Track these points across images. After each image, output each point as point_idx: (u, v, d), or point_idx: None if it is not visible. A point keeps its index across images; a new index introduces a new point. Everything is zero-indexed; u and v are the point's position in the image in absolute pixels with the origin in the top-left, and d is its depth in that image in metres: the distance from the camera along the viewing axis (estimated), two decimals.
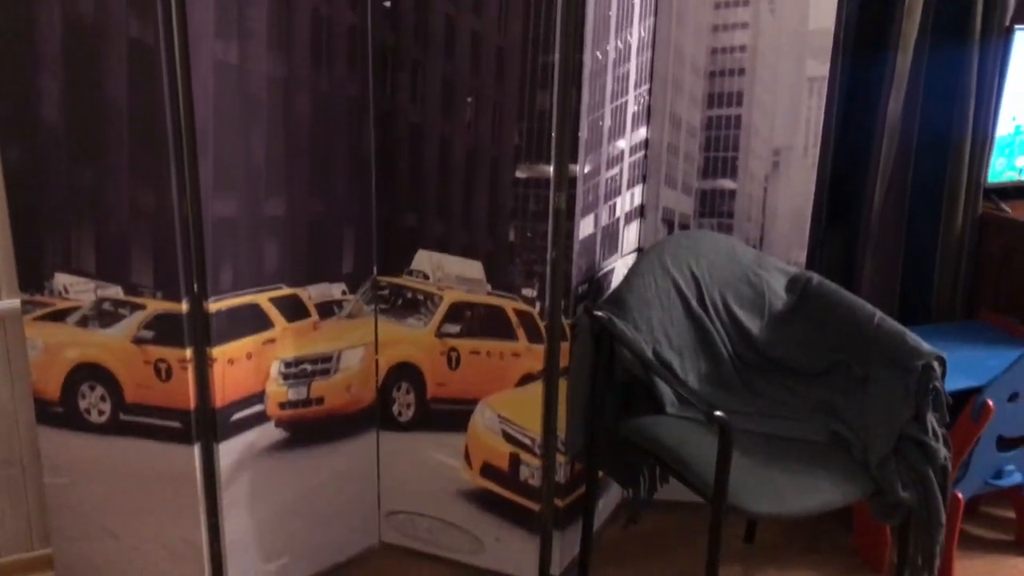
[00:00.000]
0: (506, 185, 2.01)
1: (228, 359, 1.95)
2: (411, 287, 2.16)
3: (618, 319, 1.99)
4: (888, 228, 2.71)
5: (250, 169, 1.89)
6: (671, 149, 2.32)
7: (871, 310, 2.02)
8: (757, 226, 2.35)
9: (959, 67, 2.62)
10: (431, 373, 2.19)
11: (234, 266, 1.91)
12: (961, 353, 2.42)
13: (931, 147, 2.68)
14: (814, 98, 2.27)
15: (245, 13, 1.80)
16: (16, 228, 1.91)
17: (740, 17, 2.21)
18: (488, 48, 1.95)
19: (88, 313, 1.93)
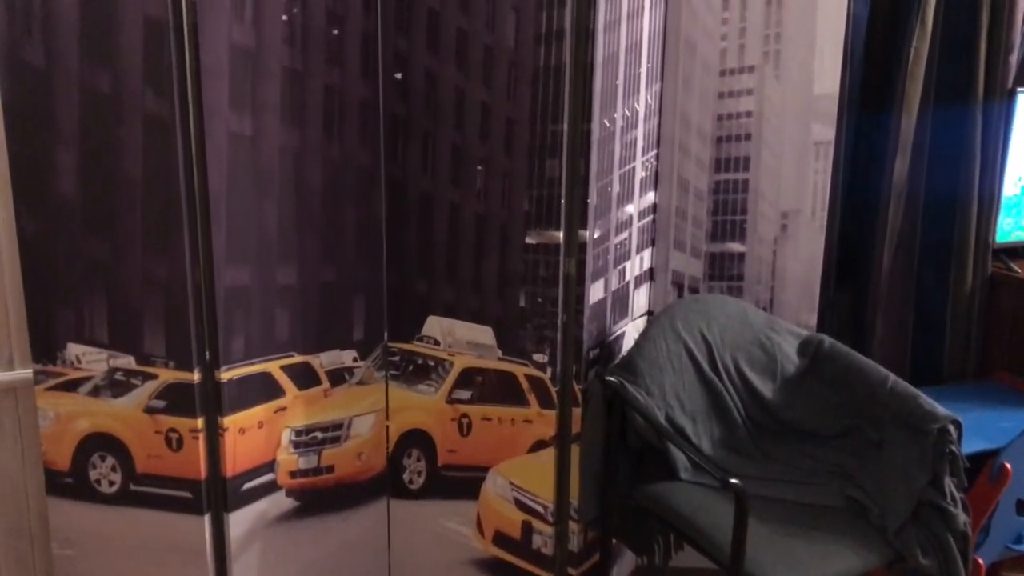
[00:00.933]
0: (516, 251, 2.02)
1: (239, 428, 1.94)
2: (422, 353, 2.16)
3: (630, 384, 1.98)
4: (897, 289, 2.71)
5: (262, 238, 1.91)
6: (679, 213, 2.33)
7: (884, 373, 2.01)
8: (767, 289, 2.36)
9: (963, 128, 2.64)
10: (442, 440, 2.18)
11: (246, 335, 1.92)
12: (976, 414, 2.40)
13: (938, 208, 2.69)
14: (820, 162, 2.29)
15: (259, 86, 1.84)
16: (30, 299, 1.92)
17: (745, 84, 2.24)
18: (497, 118, 1.97)
19: (100, 383, 1.93)
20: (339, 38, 1.94)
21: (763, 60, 2.23)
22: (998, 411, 2.44)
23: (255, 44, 1.81)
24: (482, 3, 1.93)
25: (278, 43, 1.85)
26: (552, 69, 1.91)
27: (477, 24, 1.94)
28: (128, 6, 1.71)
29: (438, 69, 1.99)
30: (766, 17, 2.20)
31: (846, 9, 2.27)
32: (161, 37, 1.72)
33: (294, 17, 1.87)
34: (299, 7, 1.87)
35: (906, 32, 2.54)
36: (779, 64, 2.22)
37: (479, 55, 1.95)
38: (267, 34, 1.83)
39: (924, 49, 2.55)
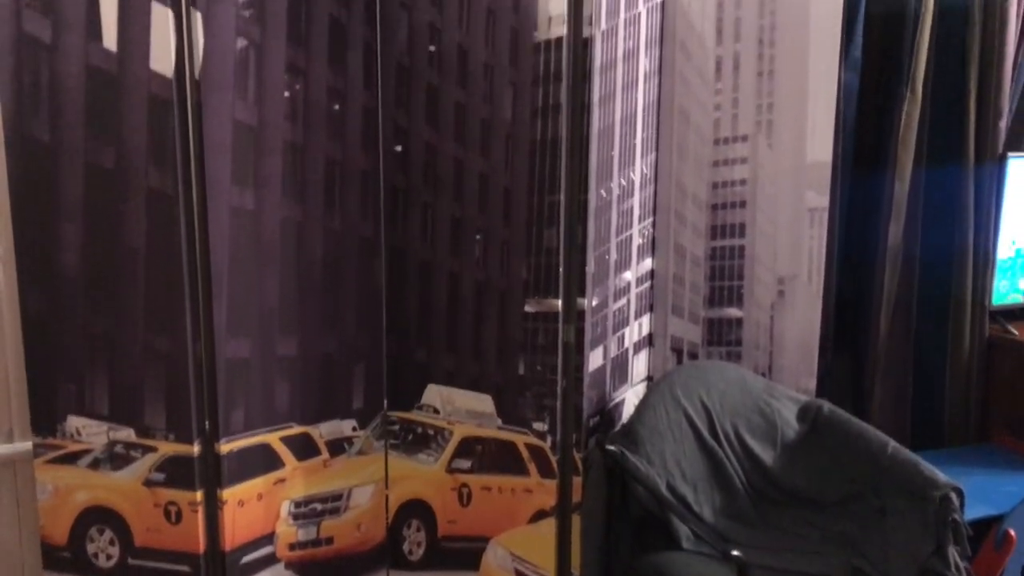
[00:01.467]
0: (515, 319, 2.04)
1: (238, 500, 1.94)
2: (421, 422, 2.16)
3: (630, 453, 1.97)
4: (896, 353, 2.72)
5: (263, 310, 1.92)
6: (677, 279, 2.35)
7: (884, 439, 2.01)
8: (766, 354, 2.37)
9: (956, 192, 2.67)
10: (442, 510, 2.17)
11: (246, 406, 1.92)
12: (978, 479, 2.39)
13: (934, 270, 2.71)
14: (815, 228, 2.31)
15: (261, 161, 1.87)
16: (31, 372, 1.92)
17: (739, 152, 2.28)
18: (495, 189, 2.00)
19: (100, 456, 1.93)
20: (340, 113, 1.98)
21: (756, 129, 2.26)
22: (1000, 475, 2.43)
23: (257, 120, 1.85)
24: (480, 79, 1.97)
25: (280, 119, 1.89)
26: (549, 142, 1.94)
27: (475, 99, 1.98)
28: (134, 84, 1.75)
29: (437, 142, 2.02)
30: (758, 87, 2.25)
31: (836, 79, 2.31)
32: (165, 115, 1.75)
33: (296, 94, 1.91)
34: (301, 84, 1.91)
35: (896, 99, 2.59)
36: (772, 133, 2.26)
37: (477, 129, 1.99)
38: (269, 110, 1.87)
39: (915, 115, 2.60)
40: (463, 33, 1.97)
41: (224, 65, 1.78)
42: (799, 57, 2.23)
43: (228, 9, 1.77)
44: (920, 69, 2.58)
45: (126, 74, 1.75)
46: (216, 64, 1.77)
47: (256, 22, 1.82)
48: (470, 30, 1.96)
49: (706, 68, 2.25)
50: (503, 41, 1.94)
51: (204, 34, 1.74)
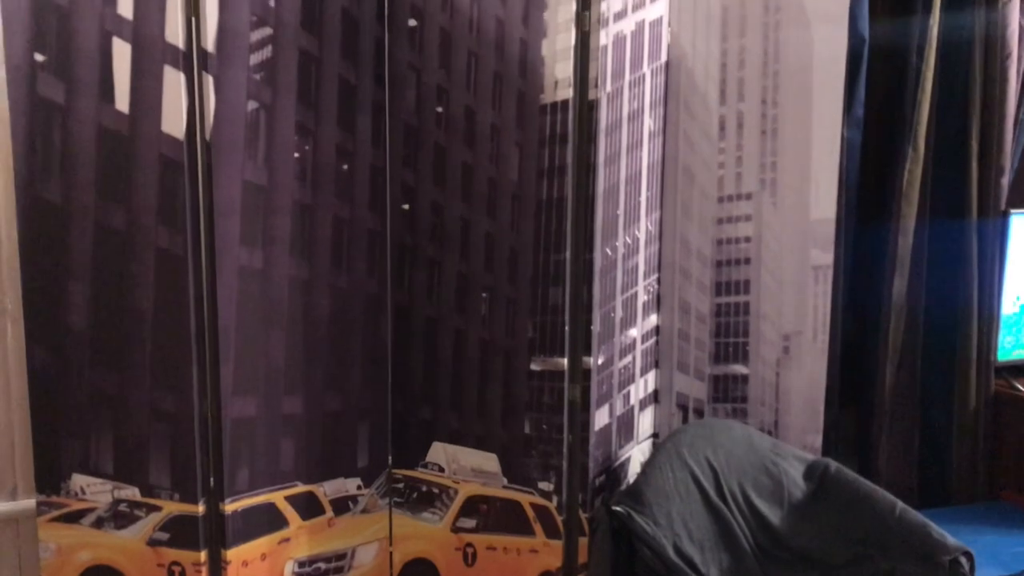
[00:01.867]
0: (520, 378, 2.04)
1: (243, 561, 1.92)
2: (426, 480, 2.15)
3: (637, 514, 1.96)
4: (902, 408, 2.71)
5: (270, 369, 1.92)
6: (682, 335, 2.35)
7: (891, 501, 2.00)
8: (771, 411, 2.36)
9: (960, 248, 2.69)
10: (446, 570, 2.15)
11: (251, 466, 1.92)
12: (987, 539, 2.37)
13: (939, 326, 2.71)
14: (820, 285, 2.32)
15: (270, 221, 1.89)
16: (36, 429, 1.92)
17: (743, 210, 2.29)
18: (501, 248, 2.02)
19: (104, 514, 1.92)
20: (349, 172, 2.00)
21: (760, 187, 2.28)
22: (1010, 535, 2.41)
23: (267, 181, 1.87)
24: (487, 140, 2.00)
25: (290, 179, 1.91)
26: (555, 202, 1.96)
27: (482, 159, 2.00)
28: (145, 146, 1.78)
29: (444, 201, 2.04)
30: (762, 146, 2.27)
31: (839, 137, 2.34)
32: (176, 176, 1.77)
33: (305, 154, 1.93)
34: (311, 144, 1.93)
35: (899, 156, 2.61)
36: (776, 191, 2.28)
37: (484, 188, 2.01)
38: (279, 171, 1.89)
39: (917, 172, 2.62)
40: (470, 95, 2.00)
41: (235, 127, 1.81)
42: (802, 116, 2.26)
43: (240, 72, 1.80)
44: (922, 126, 2.61)
45: (138, 136, 1.77)
46: (227, 126, 1.79)
47: (267, 84, 1.85)
48: (477, 93, 1.99)
49: (710, 127, 2.28)
50: (510, 103, 1.97)
51: (215, 97, 1.77)
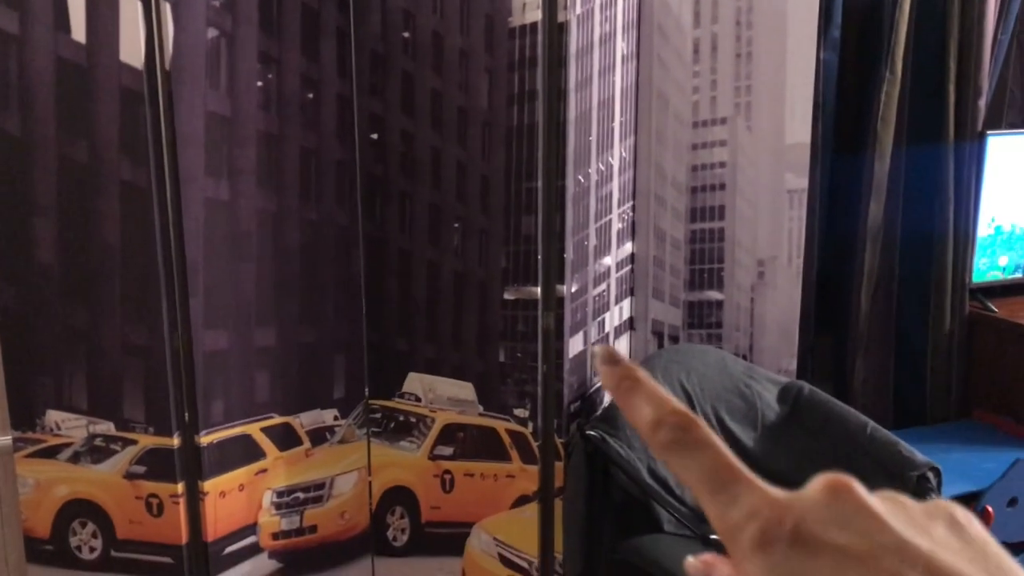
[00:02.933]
0: (494, 307, 2.04)
1: (220, 492, 1.94)
2: (403, 409, 2.16)
3: (611, 438, 1.98)
4: (877, 331, 2.73)
5: (240, 301, 1.92)
6: (657, 263, 2.35)
7: (863, 420, 2.02)
8: (746, 336, 2.37)
9: (936, 171, 2.68)
10: (425, 496, 2.18)
11: (225, 398, 1.92)
12: (959, 456, 2.42)
13: (914, 249, 2.72)
14: (795, 209, 2.31)
15: (235, 151, 1.86)
16: (8, 367, 1.91)
17: (718, 135, 2.27)
18: (473, 177, 2.00)
19: (80, 449, 1.92)
20: (315, 101, 1.96)
21: (735, 111, 2.26)
22: (980, 452, 2.45)
23: (231, 111, 1.84)
24: (455, 65, 1.96)
25: (254, 109, 1.87)
26: (525, 128, 1.93)
27: (451, 86, 1.97)
28: (104, 77, 1.74)
29: (413, 130, 2.01)
30: (736, 69, 2.24)
31: (815, 60, 2.31)
32: (137, 107, 1.74)
33: (269, 83, 1.89)
34: (274, 73, 1.90)
35: (876, 79, 2.59)
36: (751, 115, 2.26)
37: (453, 116, 1.98)
38: (243, 101, 1.85)
39: (895, 94, 2.60)
40: (437, 19, 1.96)
41: (195, 56, 1.77)
42: (777, 38, 2.23)
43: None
44: (900, 48, 2.57)
45: (96, 66, 1.73)
46: (187, 55, 1.75)
47: (227, 11, 1.81)
48: (444, 16, 1.95)
49: (684, 51, 2.24)
50: (478, 27, 1.93)
51: (174, 25, 1.72)
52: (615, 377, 0.36)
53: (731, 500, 0.33)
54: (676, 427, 0.34)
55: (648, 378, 0.36)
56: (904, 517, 0.31)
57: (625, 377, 0.36)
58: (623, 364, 0.36)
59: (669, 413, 0.35)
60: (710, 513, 0.33)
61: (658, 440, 0.34)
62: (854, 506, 0.32)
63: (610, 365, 0.36)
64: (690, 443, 0.34)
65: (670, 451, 0.34)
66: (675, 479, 2.07)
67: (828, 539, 0.30)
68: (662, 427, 0.34)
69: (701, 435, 0.34)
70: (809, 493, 0.33)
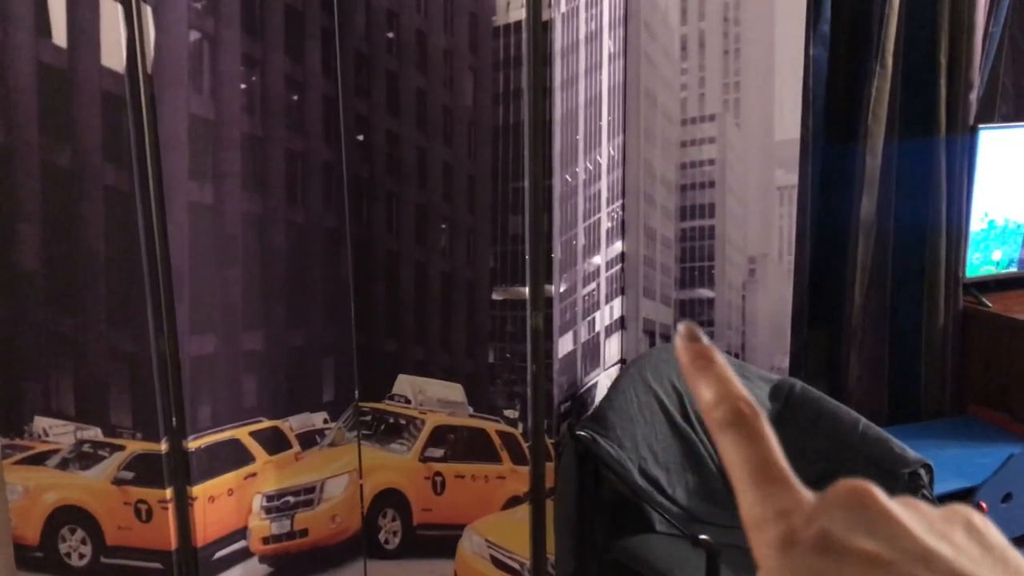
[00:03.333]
0: (483, 307, 2.03)
1: (209, 496, 1.93)
2: (393, 412, 2.15)
3: (601, 438, 1.97)
4: (871, 326, 2.72)
5: (227, 306, 1.91)
6: (647, 261, 2.34)
7: (855, 417, 2.01)
8: (738, 333, 2.36)
9: (928, 165, 2.67)
10: (416, 499, 2.17)
11: (213, 403, 1.91)
12: (953, 452, 2.41)
13: (908, 244, 2.71)
14: (785, 206, 2.30)
15: (219, 155, 1.85)
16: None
17: (707, 132, 2.26)
18: (459, 177, 1.99)
19: (68, 455, 1.91)
20: (299, 103, 1.95)
21: (724, 108, 2.25)
22: (974, 447, 2.44)
23: (214, 114, 1.83)
24: (440, 65, 1.95)
25: (237, 112, 1.86)
26: (511, 127, 1.92)
27: (436, 85, 1.96)
28: (86, 81, 1.73)
29: (399, 130, 2.00)
30: (724, 66, 2.23)
31: (803, 55, 2.30)
32: (119, 111, 1.73)
33: (253, 85, 1.88)
34: (258, 75, 1.89)
35: (866, 73, 2.58)
36: (740, 112, 2.25)
37: (439, 115, 1.97)
38: (226, 103, 1.84)
39: (885, 88, 2.59)
40: (421, 18, 1.95)
41: (177, 59, 1.76)
42: (765, 34, 2.22)
43: (179, 2, 1.74)
44: (890, 42, 2.56)
45: (77, 71, 1.72)
46: (169, 58, 1.74)
47: (209, 13, 1.80)
48: (428, 15, 1.94)
49: (671, 47, 2.23)
50: (462, 26, 1.92)
51: (155, 28, 1.71)
52: (691, 353, 0.38)
53: (767, 496, 0.34)
54: (737, 411, 0.36)
55: (724, 362, 0.37)
56: (925, 524, 0.32)
57: (701, 355, 0.37)
58: (702, 343, 0.38)
59: (735, 396, 0.36)
60: (742, 501, 0.35)
61: (715, 417, 0.36)
62: (877, 512, 0.32)
63: (689, 341, 0.38)
64: (747, 430, 0.35)
65: (725, 431, 0.36)
66: (666, 478, 2.06)
67: (854, 545, 0.31)
68: (722, 406, 0.36)
69: (759, 426, 0.36)
70: (832, 499, 0.34)
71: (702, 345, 0.38)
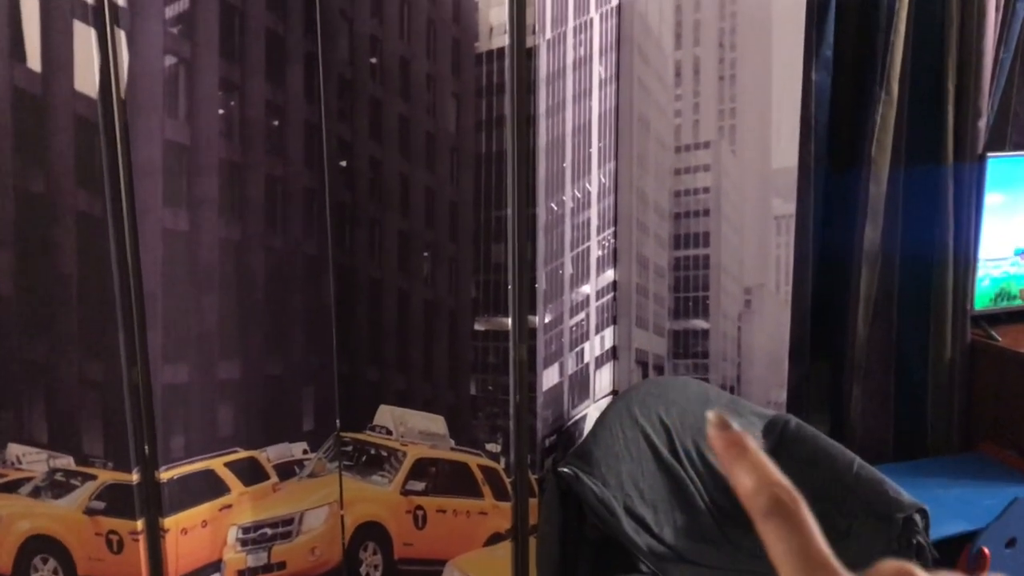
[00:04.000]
0: (465, 338, 1.98)
1: (181, 528, 1.89)
2: (374, 443, 2.10)
3: (585, 475, 1.91)
4: (877, 358, 2.64)
5: (202, 334, 1.87)
6: (640, 290, 2.28)
7: (850, 457, 1.94)
8: (733, 365, 2.29)
9: (934, 194, 2.59)
10: (397, 533, 2.11)
11: (186, 432, 1.87)
12: (958, 491, 2.32)
13: (914, 274, 2.63)
14: (783, 236, 2.24)
15: (194, 181, 1.82)
16: None
17: (701, 159, 2.21)
18: (442, 204, 1.94)
19: (40, 484, 1.88)
20: (279, 128, 1.92)
21: (719, 135, 2.19)
22: (980, 487, 2.35)
23: (190, 139, 1.80)
24: (423, 91, 1.91)
25: (215, 137, 1.83)
26: (494, 155, 1.88)
27: (419, 111, 1.92)
28: (59, 106, 1.70)
29: (382, 156, 1.96)
30: (720, 92, 2.17)
31: (802, 82, 2.24)
32: (92, 137, 1.70)
33: (231, 110, 1.85)
34: (236, 100, 1.86)
35: (871, 100, 2.51)
36: (735, 139, 2.19)
37: (421, 142, 1.93)
38: (203, 128, 1.81)
39: (891, 116, 2.52)
40: (404, 44, 1.91)
41: (151, 83, 1.73)
42: (762, 60, 2.16)
43: (154, 26, 1.72)
44: (896, 68, 2.50)
45: (51, 95, 1.70)
46: (143, 82, 1.72)
47: (185, 38, 1.77)
48: (411, 41, 1.90)
49: (665, 73, 2.18)
50: (445, 52, 1.88)
51: (129, 53, 1.69)
52: (724, 441, 0.39)
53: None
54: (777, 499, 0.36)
55: (757, 448, 0.39)
56: None
57: (734, 444, 0.39)
58: (733, 431, 0.39)
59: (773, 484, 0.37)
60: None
61: (757, 506, 0.37)
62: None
63: (721, 431, 0.39)
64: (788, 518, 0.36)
65: (767, 520, 0.36)
66: (654, 517, 2.00)
67: None
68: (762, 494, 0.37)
69: (801, 515, 0.36)
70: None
71: (734, 432, 0.39)
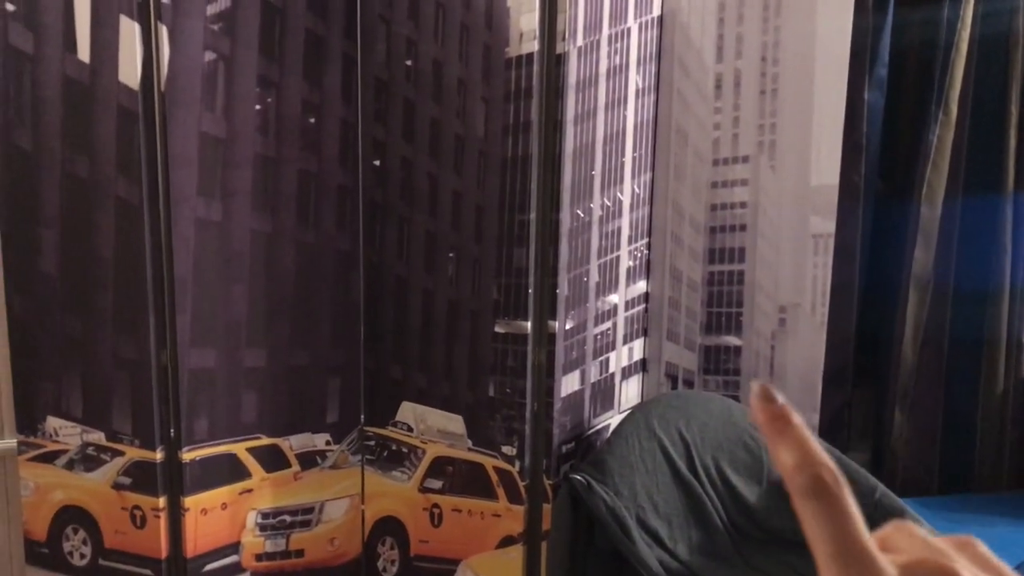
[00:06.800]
0: (485, 340, 1.99)
1: (202, 508, 1.95)
2: (396, 439, 2.14)
3: (597, 483, 1.90)
4: (925, 389, 2.55)
5: (230, 321, 1.93)
6: (672, 303, 2.27)
7: (872, 483, 1.88)
8: None
9: (993, 220, 2.50)
10: (414, 529, 2.14)
11: (210, 416, 1.93)
12: (998, 531, 2.22)
13: (967, 304, 2.54)
14: (820, 255, 2.19)
15: (229, 173, 1.88)
16: (16, 371, 1.99)
17: (739, 174, 2.18)
18: (468, 205, 1.97)
19: (74, 456, 1.97)
20: (315, 126, 1.98)
21: (758, 150, 2.16)
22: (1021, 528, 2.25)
23: (226, 133, 1.86)
24: (454, 94, 1.94)
25: (251, 131, 1.90)
26: (520, 159, 1.90)
27: (449, 114, 1.95)
28: (104, 96, 1.79)
29: (413, 157, 2.00)
30: (760, 107, 2.15)
31: (852, 101, 2.19)
32: (132, 126, 1.78)
33: (268, 107, 1.92)
34: (273, 97, 1.92)
35: (928, 121, 2.44)
36: (775, 154, 2.16)
37: (451, 144, 1.96)
38: (239, 123, 1.88)
39: (948, 138, 2.44)
40: (438, 47, 1.95)
41: (190, 78, 1.80)
42: (804, 76, 2.13)
43: (196, 23, 1.79)
44: (955, 90, 2.42)
45: (97, 86, 1.79)
46: (182, 77, 1.79)
47: (226, 35, 1.84)
48: (445, 44, 1.94)
49: (705, 86, 2.17)
50: (476, 56, 1.91)
51: (170, 47, 1.77)
52: (768, 414, 0.37)
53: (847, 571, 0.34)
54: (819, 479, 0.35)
55: (801, 423, 0.36)
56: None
57: (778, 417, 0.36)
58: (777, 404, 0.37)
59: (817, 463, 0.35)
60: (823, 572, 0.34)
61: (797, 484, 0.35)
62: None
63: (764, 402, 0.37)
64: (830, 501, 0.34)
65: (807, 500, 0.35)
66: (667, 532, 1.97)
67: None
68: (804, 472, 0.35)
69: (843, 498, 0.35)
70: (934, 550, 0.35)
71: (778, 406, 0.36)
